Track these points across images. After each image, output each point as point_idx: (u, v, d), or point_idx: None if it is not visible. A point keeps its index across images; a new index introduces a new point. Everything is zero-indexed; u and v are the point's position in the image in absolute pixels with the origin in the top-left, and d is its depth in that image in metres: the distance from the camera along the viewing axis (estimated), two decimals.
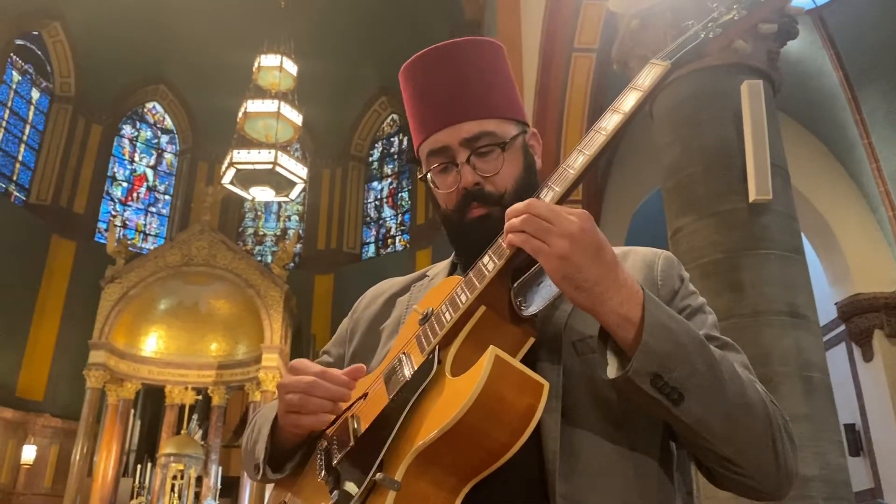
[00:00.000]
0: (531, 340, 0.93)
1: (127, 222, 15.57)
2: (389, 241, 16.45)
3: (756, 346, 3.81)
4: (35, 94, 14.38)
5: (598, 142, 0.92)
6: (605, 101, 7.86)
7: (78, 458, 11.10)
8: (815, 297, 4.18)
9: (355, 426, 0.95)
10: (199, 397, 12.29)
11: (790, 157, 4.58)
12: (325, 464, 0.97)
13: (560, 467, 0.89)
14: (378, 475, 0.82)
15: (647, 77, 0.95)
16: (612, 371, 0.87)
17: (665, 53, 0.96)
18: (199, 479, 11.45)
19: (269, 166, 11.09)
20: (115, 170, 15.71)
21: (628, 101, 0.94)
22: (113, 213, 15.32)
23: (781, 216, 4.18)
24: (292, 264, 14.20)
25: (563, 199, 0.92)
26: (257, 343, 12.22)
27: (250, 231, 17.02)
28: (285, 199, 12.73)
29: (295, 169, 11.56)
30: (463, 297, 0.91)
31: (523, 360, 0.88)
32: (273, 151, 11.16)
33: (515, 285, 0.94)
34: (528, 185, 1.07)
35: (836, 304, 8.30)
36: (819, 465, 3.75)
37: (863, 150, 8.07)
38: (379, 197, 17.08)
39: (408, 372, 0.92)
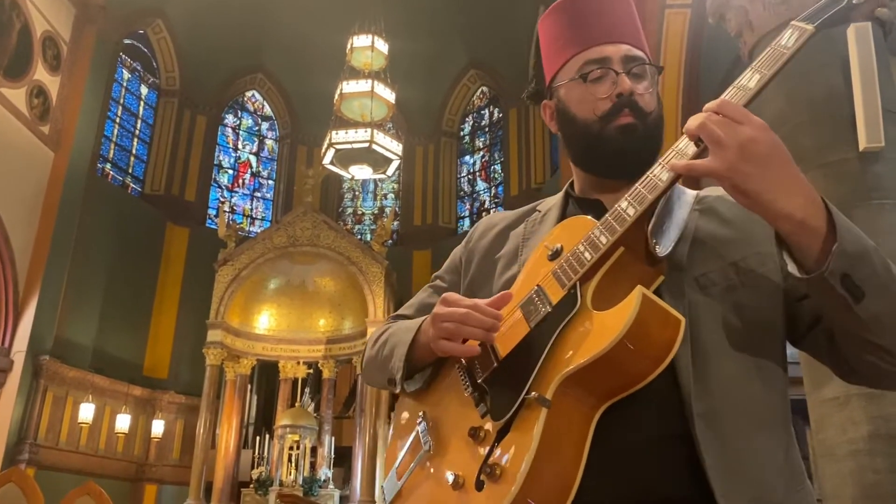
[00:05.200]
0: (661, 278, 1.02)
1: (234, 207, 16.28)
2: (484, 214, 16.52)
3: None
4: (144, 90, 15.16)
5: (743, 99, 0.96)
6: (701, 56, 7.63)
7: (202, 431, 11.73)
8: None
9: (495, 348, 1.05)
10: (311, 371, 12.75)
11: None
12: (471, 381, 1.07)
13: (694, 389, 0.98)
14: (534, 394, 0.93)
15: (790, 38, 0.97)
16: (796, 270, 0.94)
17: (807, 15, 0.98)
18: (313, 450, 11.94)
19: (366, 144, 11.35)
20: (221, 158, 16.42)
21: (774, 62, 0.97)
22: (221, 199, 16.03)
23: None
24: (391, 241, 14.51)
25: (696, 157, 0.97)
26: (362, 318, 12.59)
27: (349, 211, 17.47)
28: (382, 175, 12.98)
29: (390, 146, 11.77)
30: (603, 240, 1.00)
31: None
32: (369, 130, 11.40)
33: (651, 228, 1.02)
34: (662, 121, 1.17)
35: None
36: None
37: None
38: (472, 171, 17.15)
39: (548, 304, 1.02)
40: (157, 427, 12.57)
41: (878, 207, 3.84)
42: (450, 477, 1.01)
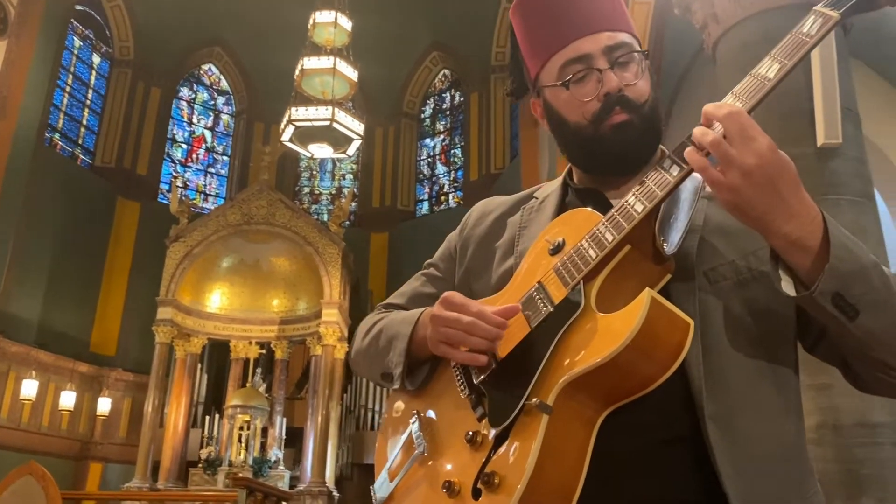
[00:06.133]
0: (668, 277, 0.97)
1: (188, 183, 15.95)
2: (443, 198, 16.50)
3: None
4: (96, 59, 14.70)
5: (762, 90, 0.91)
6: (667, 49, 7.68)
7: (150, 409, 11.53)
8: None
9: (493, 349, 1.00)
10: (263, 351, 12.61)
11: (860, 104, 4.42)
12: (468, 382, 1.03)
13: (706, 390, 0.94)
14: (535, 400, 0.89)
15: (812, 26, 0.92)
16: (789, 288, 0.91)
17: (832, 1, 0.92)
18: (264, 430, 11.84)
19: (327, 123, 11.16)
20: (175, 132, 16.05)
21: (796, 50, 0.91)
22: (174, 174, 15.69)
23: (852, 161, 4.07)
24: (348, 222, 14.39)
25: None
26: (317, 299, 12.47)
27: (306, 190, 17.26)
28: (343, 155, 12.81)
29: (352, 125, 11.59)
30: (609, 237, 0.94)
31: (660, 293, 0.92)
32: (330, 108, 11.21)
33: (658, 224, 0.97)
34: (658, 103, 1.11)
35: None
36: (888, 412, 3.72)
37: None
38: (432, 154, 17.08)
39: (550, 304, 0.97)
40: (104, 405, 12.32)
41: (833, 203, 3.91)
42: (445, 482, 0.97)
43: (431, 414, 1.09)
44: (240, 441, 11.34)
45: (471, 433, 0.97)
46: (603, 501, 0.91)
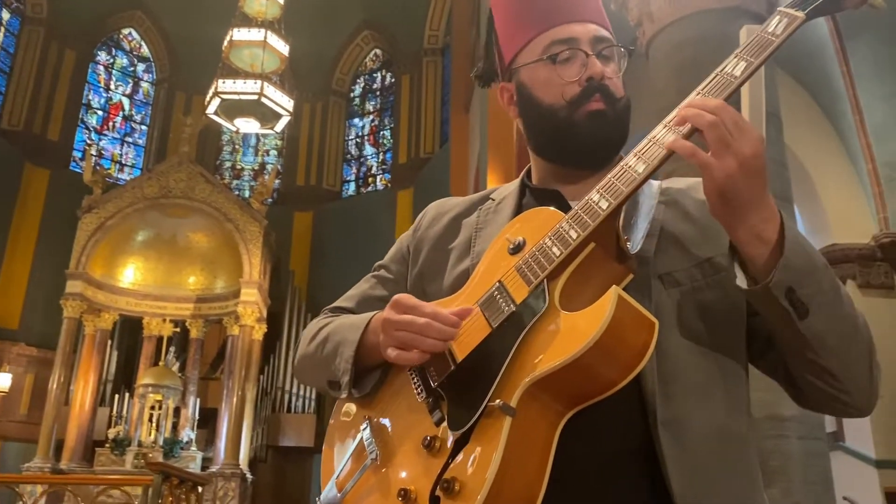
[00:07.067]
0: (630, 276, 0.95)
1: (102, 152, 15.27)
2: (370, 179, 16.33)
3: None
4: (5, 15, 13.88)
5: (728, 88, 0.91)
6: None
7: (55, 386, 11.10)
8: None
9: (452, 350, 0.97)
10: (177, 330, 12.27)
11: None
12: (425, 386, 0.99)
13: (659, 395, 0.94)
14: (498, 402, 0.86)
15: (778, 26, 0.92)
16: (743, 282, 0.92)
17: (796, 1, 0.92)
18: (176, 410, 11.55)
19: (255, 97, 10.85)
20: (90, 97, 15.34)
21: (762, 49, 0.91)
22: (88, 141, 15.00)
23: (773, 164, 4.20)
24: (271, 199, 14.08)
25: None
26: (236, 277, 12.19)
27: (228, 165, 16.79)
28: (270, 131, 12.52)
29: (281, 100, 11.31)
30: (573, 234, 0.92)
31: None
32: (259, 82, 10.91)
33: (621, 222, 0.95)
34: (630, 106, 1.11)
35: None
36: (795, 406, 3.88)
37: (847, 101, 8.08)
38: (360, 134, 16.87)
39: (511, 303, 0.94)
40: (4, 380, 11.77)
41: None
42: (400, 490, 0.92)
43: (384, 419, 1.05)
44: (150, 421, 11.06)
45: (428, 438, 0.93)
46: None
